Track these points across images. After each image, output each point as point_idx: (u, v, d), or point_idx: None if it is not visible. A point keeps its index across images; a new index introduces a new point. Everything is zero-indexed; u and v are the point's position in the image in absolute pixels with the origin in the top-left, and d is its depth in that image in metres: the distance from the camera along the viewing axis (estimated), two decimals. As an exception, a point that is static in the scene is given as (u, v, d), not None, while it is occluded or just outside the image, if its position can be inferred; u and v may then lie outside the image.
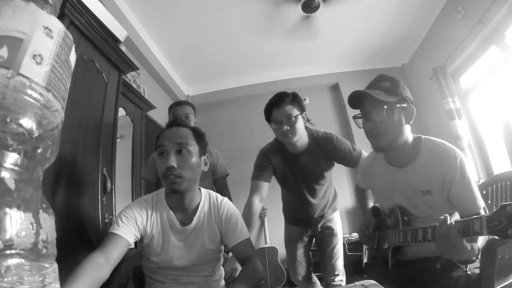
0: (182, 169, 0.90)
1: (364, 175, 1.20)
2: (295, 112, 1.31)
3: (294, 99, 1.34)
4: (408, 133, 0.97)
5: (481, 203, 0.88)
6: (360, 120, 1.01)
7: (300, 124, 1.32)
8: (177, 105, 1.80)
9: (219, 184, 1.84)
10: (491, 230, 0.64)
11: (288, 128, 1.29)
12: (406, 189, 0.99)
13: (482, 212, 0.87)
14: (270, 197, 1.57)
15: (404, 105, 0.94)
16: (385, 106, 0.91)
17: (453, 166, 0.88)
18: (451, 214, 0.97)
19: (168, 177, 0.89)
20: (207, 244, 0.98)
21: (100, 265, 0.80)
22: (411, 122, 0.95)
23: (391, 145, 0.95)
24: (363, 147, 1.59)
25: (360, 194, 1.30)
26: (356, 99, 0.98)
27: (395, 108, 0.92)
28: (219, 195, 1.07)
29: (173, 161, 0.89)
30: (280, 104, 1.31)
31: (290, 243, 1.61)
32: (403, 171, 0.99)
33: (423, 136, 0.99)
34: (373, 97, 0.91)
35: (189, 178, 0.92)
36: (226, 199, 1.06)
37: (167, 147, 0.91)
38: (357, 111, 1.01)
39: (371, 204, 1.26)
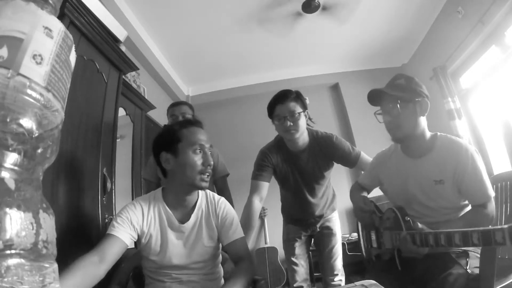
0: (211, 168, 0.98)
1: (376, 167, 1.24)
2: (298, 109, 1.33)
3: (298, 96, 1.36)
4: (424, 125, 1.06)
5: (491, 193, 0.95)
6: (380, 116, 1.11)
7: (302, 121, 1.34)
8: (174, 106, 1.80)
9: (220, 183, 1.84)
10: None
11: (291, 124, 1.31)
12: (420, 178, 1.05)
13: (492, 202, 0.96)
14: (270, 197, 1.57)
15: (418, 99, 1.03)
16: (399, 101, 1.01)
17: (465, 158, 0.96)
18: (461, 209, 1.02)
19: (204, 173, 0.95)
20: (205, 241, 1.00)
21: (94, 262, 0.80)
22: (426, 114, 1.05)
23: (408, 136, 1.04)
24: (363, 147, 1.59)
25: (357, 189, 1.32)
26: (374, 98, 1.08)
27: (409, 102, 1.02)
28: (215, 194, 1.09)
29: (211, 160, 0.97)
30: (284, 100, 1.33)
31: (288, 243, 1.60)
32: (418, 161, 1.06)
33: (439, 133, 1.08)
34: (388, 94, 1.01)
35: None
36: (223, 198, 1.08)
37: (205, 146, 0.97)
38: (375, 108, 1.12)
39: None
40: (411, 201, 1.06)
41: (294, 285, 1.55)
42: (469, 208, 1.04)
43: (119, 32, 1.46)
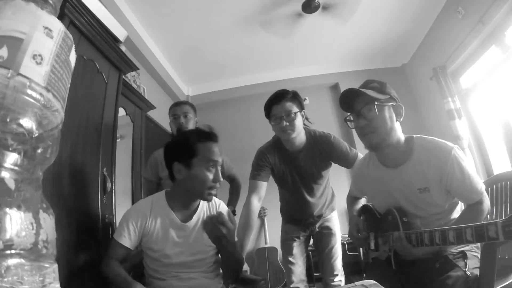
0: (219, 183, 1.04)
1: (358, 180, 1.21)
2: (295, 109, 1.33)
3: (294, 97, 1.36)
4: (399, 132, 1.00)
5: (482, 186, 0.93)
6: (352, 123, 1.04)
7: (299, 121, 1.34)
8: (176, 105, 1.80)
9: (232, 175, 1.98)
10: (507, 235, 0.64)
11: (287, 124, 1.31)
12: (403, 188, 0.99)
13: (486, 195, 0.92)
14: (270, 197, 1.57)
15: (393, 103, 0.98)
16: (376, 103, 0.95)
17: (449, 162, 0.91)
18: (452, 209, 1.00)
19: (212, 188, 1.01)
20: (206, 240, 1.02)
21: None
22: (401, 119, 0.99)
23: (384, 142, 0.97)
24: (363, 148, 1.59)
25: (352, 201, 1.31)
26: (347, 99, 1.01)
27: (385, 105, 0.97)
28: (216, 198, 1.15)
29: (221, 176, 1.03)
30: (280, 100, 1.33)
31: (286, 242, 1.60)
32: (398, 171, 1.00)
33: (414, 135, 1.01)
34: (364, 95, 0.95)
35: None
36: (222, 202, 1.16)
37: (218, 162, 1.02)
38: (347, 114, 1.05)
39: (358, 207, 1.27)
40: (398, 211, 1.01)
41: (291, 286, 1.54)
42: (459, 206, 1.03)
43: (119, 32, 1.46)
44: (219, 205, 1.15)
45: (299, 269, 1.57)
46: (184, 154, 0.99)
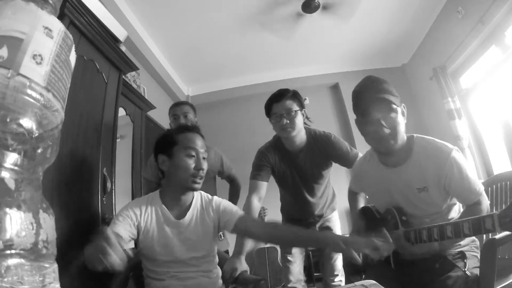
0: (204, 172, 1.04)
1: (358, 178, 1.22)
2: (295, 107, 1.34)
3: (294, 95, 1.37)
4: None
5: (480, 187, 0.93)
6: (364, 129, 0.98)
7: (299, 120, 1.34)
8: (176, 105, 1.81)
9: (231, 176, 1.95)
10: (503, 226, 0.65)
11: (288, 122, 1.31)
12: (402, 187, 1.00)
13: (484, 195, 0.93)
14: (270, 197, 1.57)
15: (403, 104, 0.97)
16: (398, 110, 0.93)
17: (448, 164, 0.91)
18: (450, 209, 1.00)
19: (196, 176, 1.01)
20: (201, 238, 1.04)
21: None
22: (405, 120, 0.99)
23: (398, 146, 0.95)
24: (363, 147, 1.59)
25: (352, 198, 1.31)
26: (365, 105, 0.95)
27: (399, 109, 0.95)
28: (209, 194, 1.15)
29: (204, 165, 1.03)
30: (280, 98, 1.34)
31: None
32: (398, 170, 1.00)
33: (415, 135, 1.01)
34: (385, 102, 0.91)
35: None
36: (215, 196, 1.16)
37: (199, 151, 1.04)
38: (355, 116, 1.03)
39: (361, 206, 1.27)
40: (398, 210, 1.02)
41: (288, 286, 1.54)
42: (457, 206, 1.03)
43: (119, 32, 1.46)
44: (212, 199, 1.12)
45: (297, 268, 1.56)
46: (166, 145, 1.04)
